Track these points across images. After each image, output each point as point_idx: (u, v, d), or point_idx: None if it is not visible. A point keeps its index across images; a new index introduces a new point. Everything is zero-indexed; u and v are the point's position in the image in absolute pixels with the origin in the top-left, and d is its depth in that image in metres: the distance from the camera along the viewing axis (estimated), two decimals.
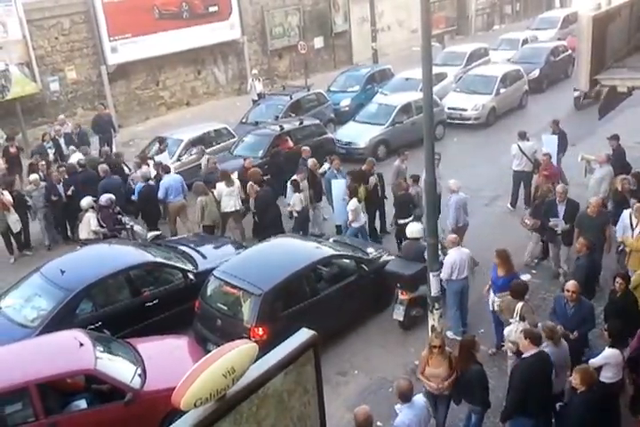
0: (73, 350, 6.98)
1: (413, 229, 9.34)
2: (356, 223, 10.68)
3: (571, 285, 7.08)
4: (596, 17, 7.66)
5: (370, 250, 9.85)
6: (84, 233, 10.81)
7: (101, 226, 10.82)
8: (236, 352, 2.85)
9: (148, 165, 12.46)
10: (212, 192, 11.30)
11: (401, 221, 10.52)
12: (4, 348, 7.36)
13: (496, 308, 7.85)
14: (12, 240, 11.79)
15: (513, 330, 6.98)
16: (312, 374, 3.29)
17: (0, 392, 6.49)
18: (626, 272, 8.02)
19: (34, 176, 11.99)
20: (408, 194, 10.65)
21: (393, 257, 9.81)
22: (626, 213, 8.85)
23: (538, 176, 11.08)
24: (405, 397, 5.81)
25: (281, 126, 14.53)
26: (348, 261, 9.35)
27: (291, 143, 14.19)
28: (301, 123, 14.94)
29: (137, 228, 11.14)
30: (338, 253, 9.34)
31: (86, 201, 10.90)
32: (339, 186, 11.03)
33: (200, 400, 2.72)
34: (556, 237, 9.53)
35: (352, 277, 9.08)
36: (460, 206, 10.16)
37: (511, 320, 7.16)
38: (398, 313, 8.85)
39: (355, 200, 10.58)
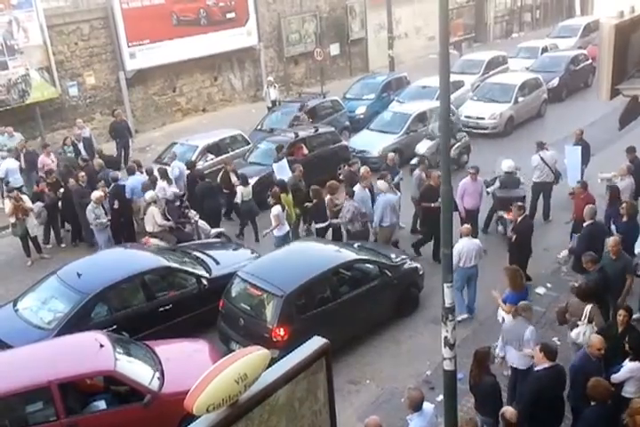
0: (93, 352, 7.07)
1: (509, 164, 11.46)
2: (278, 231, 10.68)
3: (597, 341, 6.21)
4: (618, 25, 7.56)
5: (394, 256, 9.89)
6: (149, 226, 11.13)
7: (167, 219, 11.15)
8: (248, 359, 2.85)
9: (142, 173, 12.62)
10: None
11: (317, 226, 11.04)
12: (27, 348, 7.48)
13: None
14: (30, 243, 11.89)
15: (581, 333, 6.93)
16: (323, 382, 3.26)
17: (23, 391, 6.59)
18: None
19: (98, 193, 11.32)
20: (323, 201, 10.98)
21: (418, 264, 9.89)
22: None
23: (575, 203, 10.56)
24: (417, 406, 5.79)
25: (296, 133, 14.53)
26: (371, 266, 9.39)
27: (305, 150, 14.18)
28: (316, 130, 14.94)
29: (201, 223, 11.51)
30: (361, 257, 9.38)
31: (149, 195, 11.22)
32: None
33: (212, 406, 2.72)
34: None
35: (374, 282, 9.13)
36: (386, 207, 10.50)
37: (579, 323, 7.10)
38: (502, 229, 11.49)
39: (278, 207, 10.68)
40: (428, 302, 9.77)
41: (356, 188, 11.06)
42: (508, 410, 5.83)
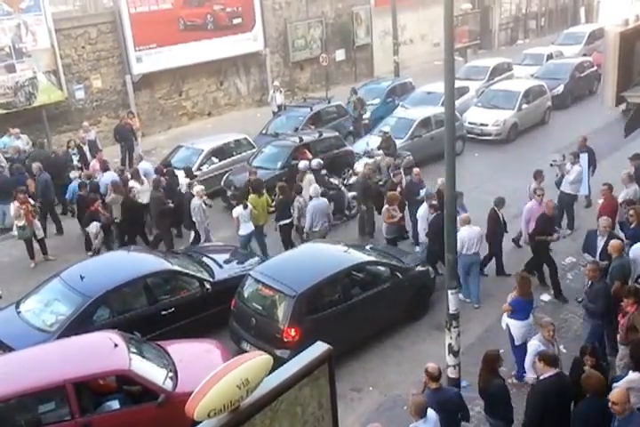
0: (108, 351, 7.08)
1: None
2: (242, 231, 10.91)
3: (617, 395, 5.37)
4: (623, 33, 7.59)
5: (406, 258, 9.94)
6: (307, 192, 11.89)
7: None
8: (250, 364, 2.83)
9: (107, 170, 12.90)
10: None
11: (281, 223, 11.27)
12: (42, 347, 7.52)
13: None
14: (36, 245, 11.83)
15: None
16: (326, 388, 3.25)
17: (38, 391, 6.59)
18: None
19: (199, 187, 11.51)
20: (287, 197, 11.27)
21: (429, 267, 9.97)
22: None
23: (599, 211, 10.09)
24: (422, 411, 5.74)
25: (300, 138, 14.52)
26: (382, 268, 9.44)
27: (309, 155, 14.14)
28: (321, 135, 14.92)
29: (344, 189, 12.56)
30: (373, 259, 9.44)
31: (303, 164, 12.79)
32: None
33: (214, 411, 2.70)
34: None
35: (386, 284, 9.17)
36: (315, 212, 10.90)
37: None
38: None
39: (238, 208, 10.90)
40: (432, 309, 9.74)
41: (422, 208, 10.52)
42: (430, 365, 6.11)
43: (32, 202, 11.71)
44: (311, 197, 11.15)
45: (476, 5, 28.49)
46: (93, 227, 11.63)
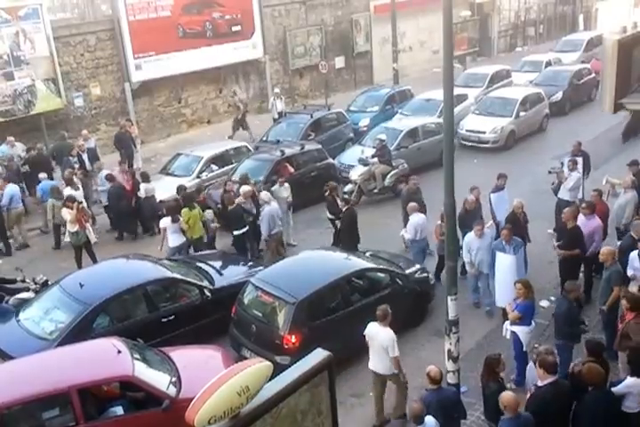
0: (111, 357, 7.08)
1: None
2: (172, 242, 11.03)
3: (507, 399, 5.66)
4: (621, 41, 7.65)
5: (406, 265, 9.96)
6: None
7: None
8: (250, 371, 2.84)
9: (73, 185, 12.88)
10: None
11: (236, 233, 11.30)
12: (46, 353, 7.53)
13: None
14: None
15: None
16: (326, 395, 3.25)
17: (42, 396, 6.59)
18: None
19: (247, 188, 11.56)
20: (239, 206, 11.35)
21: (429, 274, 9.97)
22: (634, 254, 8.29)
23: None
24: (419, 419, 5.79)
25: (282, 151, 14.13)
26: (382, 274, 9.45)
27: (291, 169, 13.79)
28: (302, 148, 14.52)
29: None
30: (373, 266, 9.46)
31: None
32: (505, 262, 9.02)
33: (214, 418, 2.70)
34: None
35: (386, 290, 9.18)
36: (271, 217, 11.06)
37: None
38: None
39: (166, 219, 11.00)
40: (431, 315, 9.75)
41: (469, 235, 9.65)
42: (433, 369, 6.18)
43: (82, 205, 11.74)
44: (265, 203, 11.15)
45: (475, 13, 28.65)
46: (209, 214, 11.70)
